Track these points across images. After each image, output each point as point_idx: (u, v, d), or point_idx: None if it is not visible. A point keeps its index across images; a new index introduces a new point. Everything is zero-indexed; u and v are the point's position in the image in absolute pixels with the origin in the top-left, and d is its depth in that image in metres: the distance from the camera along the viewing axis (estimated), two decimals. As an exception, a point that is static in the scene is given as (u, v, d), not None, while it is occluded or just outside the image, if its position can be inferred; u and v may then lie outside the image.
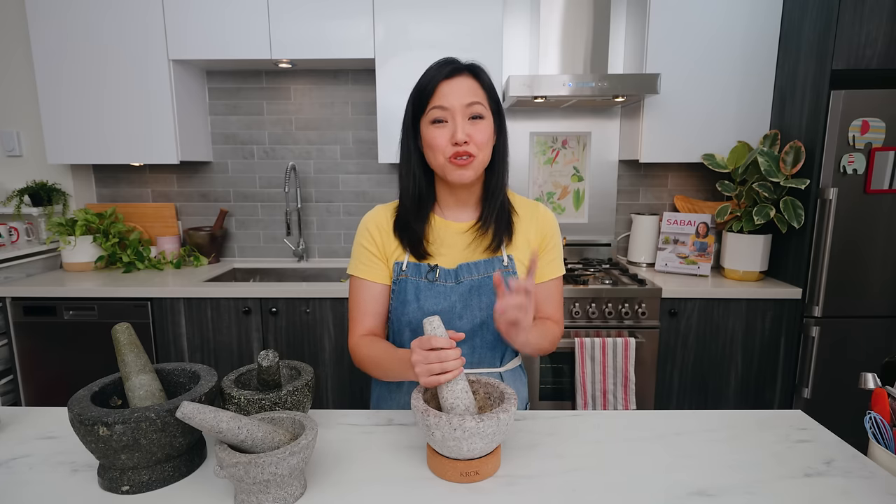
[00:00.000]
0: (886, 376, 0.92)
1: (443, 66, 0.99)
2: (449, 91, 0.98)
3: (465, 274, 1.05)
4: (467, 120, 0.98)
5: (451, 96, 0.97)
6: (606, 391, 2.06)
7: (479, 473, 0.81)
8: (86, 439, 0.75)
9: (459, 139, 0.97)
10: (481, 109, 0.99)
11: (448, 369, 0.82)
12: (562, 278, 1.14)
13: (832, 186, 1.97)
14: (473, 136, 0.98)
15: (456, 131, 0.97)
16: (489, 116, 1.01)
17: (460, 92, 0.98)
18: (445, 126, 0.98)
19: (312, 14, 2.19)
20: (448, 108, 0.97)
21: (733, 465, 0.86)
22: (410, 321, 1.06)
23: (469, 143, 0.98)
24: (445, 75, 0.98)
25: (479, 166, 1.02)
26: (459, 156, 0.98)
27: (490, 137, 1.02)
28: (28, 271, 2.33)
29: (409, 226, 1.06)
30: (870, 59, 1.91)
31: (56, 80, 2.25)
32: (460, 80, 0.98)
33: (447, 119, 0.98)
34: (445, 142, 0.98)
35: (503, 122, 1.06)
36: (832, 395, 2.08)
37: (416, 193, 1.07)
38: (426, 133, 1.00)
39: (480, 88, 1.00)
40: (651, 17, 2.19)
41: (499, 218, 1.06)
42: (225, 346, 2.16)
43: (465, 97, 0.98)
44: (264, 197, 2.68)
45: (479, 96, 0.99)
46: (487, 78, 1.03)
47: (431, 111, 0.99)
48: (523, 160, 2.59)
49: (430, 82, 0.99)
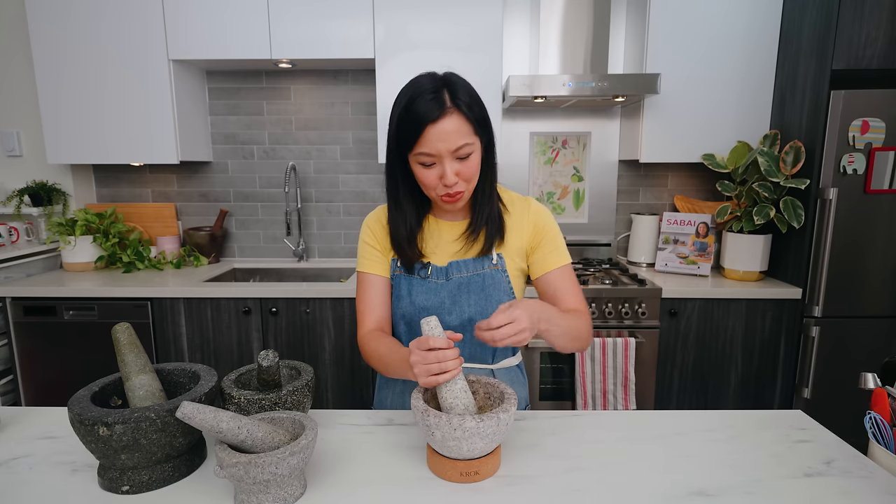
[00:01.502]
0: (886, 376, 0.92)
1: (430, 104, 0.93)
2: (436, 137, 0.93)
3: (455, 271, 1.07)
4: (455, 160, 0.96)
5: (438, 143, 0.94)
6: (606, 391, 2.06)
7: (479, 473, 0.81)
8: (86, 439, 0.75)
9: (449, 182, 0.96)
10: (469, 148, 0.97)
11: (446, 369, 0.82)
12: (571, 267, 1.11)
13: (832, 186, 1.96)
14: (463, 174, 0.97)
15: (445, 174, 0.96)
16: (477, 145, 0.99)
17: (448, 136, 0.94)
18: (433, 168, 0.97)
19: (312, 14, 2.19)
20: (436, 154, 0.95)
21: (733, 465, 0.86)
22: (404, 315, 1.09)
23: (458, 182, 0.98)
24: (432, 119, 0.93)
25: (469, 194, 1.02)
26: (449, 195, 0.99)
27: (478, 166, 1.00)
28: (28, 271, 2.33)
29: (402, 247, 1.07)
30: (870, 59, 1.91)
31: (56, 80, 2.25)
32: (447, 122, 0.94)
33: (436, 162, 0.97)
34: (435, 181, 0.98)
35: (490, 133, 1.03)
36: (832, 395, 2.08)
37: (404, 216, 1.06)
38: (415, 169, 1.00)
39: (467, 123, 0.95)
40: (651, 17, 2.19)
41: (490, 223, 1.07)
42: (225, 346, 2.16)
43: (453, 141, 0.94)
44: (264, 197, 2.68)
45: (465, 135, 0.95)
46: (468, 102, 0.96)
47: (419, 155, 0.97)
48: (523, 160, 2.59)
49: (417, 124, 0.93)
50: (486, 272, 1.07)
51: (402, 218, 1.06)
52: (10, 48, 2.44)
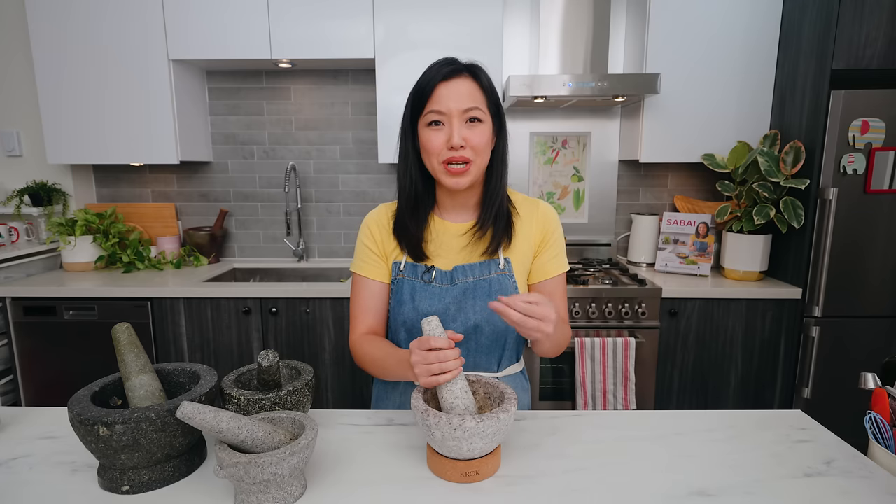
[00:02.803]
0: (886, 376, 0.92)
1: (442, 67, 0.97)
2: (447, 94, 0.95)
3: (461, 276, 1.05)
4: (465, 123, 0.96)
5: (448, 100, 0.95)
6: (606, 391, 2.06)
7: (480, 473, 0.81)
8: (86, 439, 0.75)
9: (455, 143, 0.95)
10: (479, 114, 0.97)
11: (447, 370, 0.82)
12: (565, 275, 1.11)
13: (832, 186, 1.96)
14: (470, 140, 0.96)
15: (452, 135, 0.95)
16: (488, 120, 0.99)
17: (458, 96, 0.96)
18: (441, 129, 0.97)
19: (312, 14, 2.19)
20: (445, 112, 0.96)
21: (733, 465, 0.86)
22: (406, 321, 1.06)
23: (465, 148, 0.96)
24: (444, 76, 0.96)
25: (477, 172, 1.00)
26: (454, 161, 0.97)
27: (488, 141, 1.00)
28: (28, 271, 2.33)
29: (407, 228, 1.06)
30: (870, 59, 1.91)
31: (56, 80, 2.25)
32: (459, 83, 0.96)
33: (443, 122, 0.96)
34: (441, 145, 0.96)
35: (503, 124, 1.04)
36: (832, 395, 2.08)
37: (412, 194, 1.05)
38: (422, 135, 0.99)
39: (479, 90, 0.98)
40: (651, 17, 2.19)
41: (497, 220, 1.05)
42: (225, 346, 2.16)
43: (463, 102, 0.96)
44: (264, 197, 2.68)
45: (477, 100, 0.97)
46: (487, 79, 1.00)
47: (428, 114, 0.97)
48: (523, 160, 2.59)
49: (427, 84, 0.97)
50: (493, 277, 1.04)
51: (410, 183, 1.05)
52: (10, 48, 2.44)
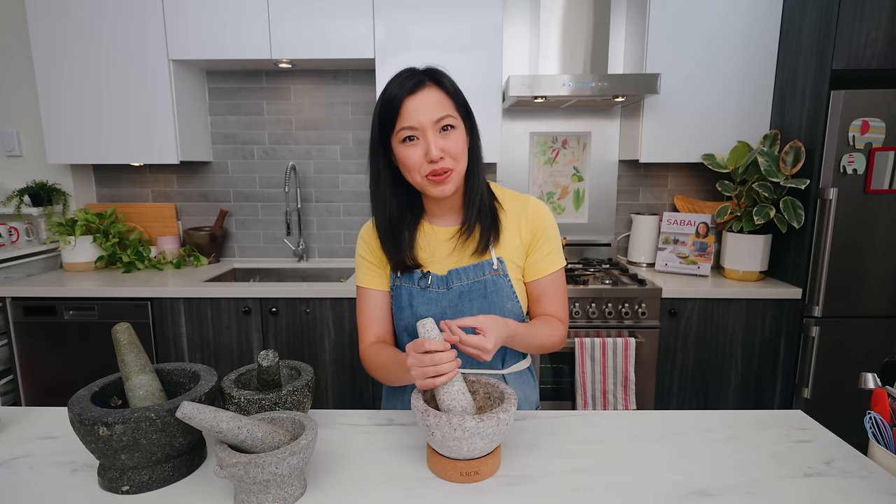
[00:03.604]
0: (886, 376, 0.92)
1: (405, 81, 0.95)
2: (415, 108, 0.94)
3: (455, 280, 1.05)
4: (438, 133, 0.96)
5: (418, 114, 0.94)
6: (606, 391, 2.06)
7: (480, 473, 0.81)
8: (86, 439, 0.75)
9: (434, 156, 0.94)
10: (451, 121, 0.96)
11: (442, 372, 0.82)
12: (563, 271, 1.10)
13: (832, 186, 1.96)
14: (447, 149, 0.96)
15: (429, 148, 0.94)
16: (460, 124, 0.98)
17: (426, 107, 0.94)
18: (417, 144, 0.96)
19: (312, 14, 2.19)
20: (417, 127, 0.94)
21: (733, 465, 0.86)
22: (406, 326, 1.07)
23: (444, 158, 0.96)
24: (409, 91, 0.94)
25: (458, 177, 1.00)
26: (436, 173, 0.96)
27: (464, 146, 0.99)
28: (28, 271, 2.33)
29: (388, 245, 1.05)
30: (870, 59, 1.91)
31: (56, 80, 2.25)
32: (425, 94, 0.95)
33: (418, 136, 0.96)
34: (420, 160, 0.96)
35: (474, 124, 1.04)
36: (832, 395, 2.08)
37: (388, 218, 1.05)
38: (399, 152, 0.98)
39: (446, 97, 0.97)
40: (651, 17, 2.19)
41: (482, 219, 1.05)
42: (225, 346, 2.16)
43: (433, 112, 0.94)
44: (264, 197, 2.68)
45: (446, 108, 0.96)
46: (451, 82, 0.99)
47: (401, 131, 0.96)
48: (523, 160, 2.59)
49: (394, 101, 0.95)
50: (488, 279, 1.04)
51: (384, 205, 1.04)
52: (10, 48, 2.44)
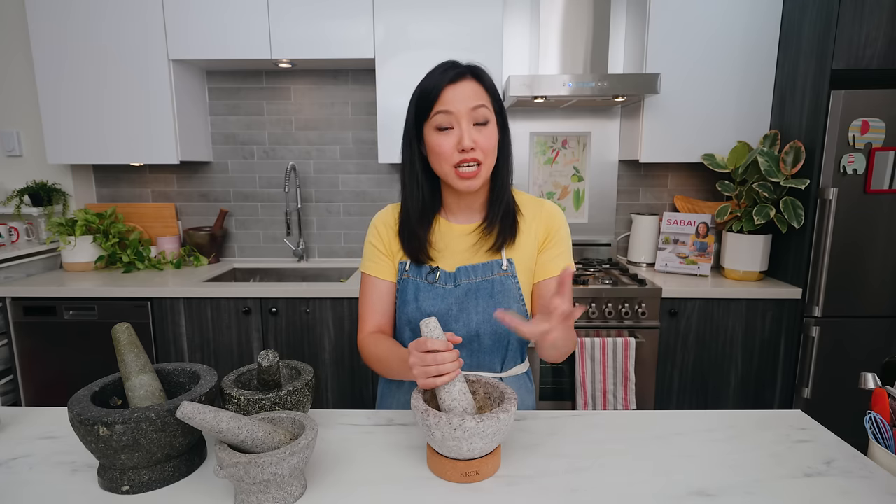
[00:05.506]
0: (886, 376, 0.92)
1: (447, 70, 0.98)
2: (453, 96, 0.96)
3: (464, 277, 1.05)
4: (472, 125, 0.98)
5: (455, 101, 0.96)
6: (606, 391, 2.06)
7: (480, 473, 0.81)
8: (86, 439, 0.75)
9: (466, 145, 0.96)
10: (486, 113, 0.98)
11: (444, 371, 0.82)
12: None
13: (832, 186, 1.96)
14: (479, 143, 0.97)
15: (462, 137, 0.96)
16: (493, 120, 1.00)
17: (465, 96, 0.97)
18: (451, 133, 0.98)
19: (312, 14, 2.19)
20: (453, 113, 0.96)
21: (733, 465, 0.86)
22: (409, 320, 1.07)
23: (475, 150, 0.97)
24: (450, 80, 0.97)
25: (486, 173, 1.01)
26: (466, 163, 0.97)
27: (495, 143, 1.01)
28: (28, 271, 2.33)
29: (413, 234, 1.06)
30: (870, 59, 1.91)
31: (56, 80, 2.25)
32: (464, 85, 0.97)
33: (452, 125, 0.97)
34: (451, 148, 0.97)
35: (506, 123, 1.05)
36: (832, 395, 2.08)
37: (420, 199, 1.06)
38: (431, 139, 1.00)
39: (484, 91, 0.99)
40: (651, 17, 2.19)
41: (504, 219, 1.06)
42: (225, 346, 2.16)
43: (470, 101, 0.97)
44: (264, 197, 2.68)
45: (483, 99, 0.98)
46: (490, 80, 1.02)
47: (436, 116, 0.98)
48: (523, 160, 2.59)
49: (434, 87, 0.97)
50: (496, 279, 1.05)
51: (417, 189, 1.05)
52: (10, 48, 2.44)
